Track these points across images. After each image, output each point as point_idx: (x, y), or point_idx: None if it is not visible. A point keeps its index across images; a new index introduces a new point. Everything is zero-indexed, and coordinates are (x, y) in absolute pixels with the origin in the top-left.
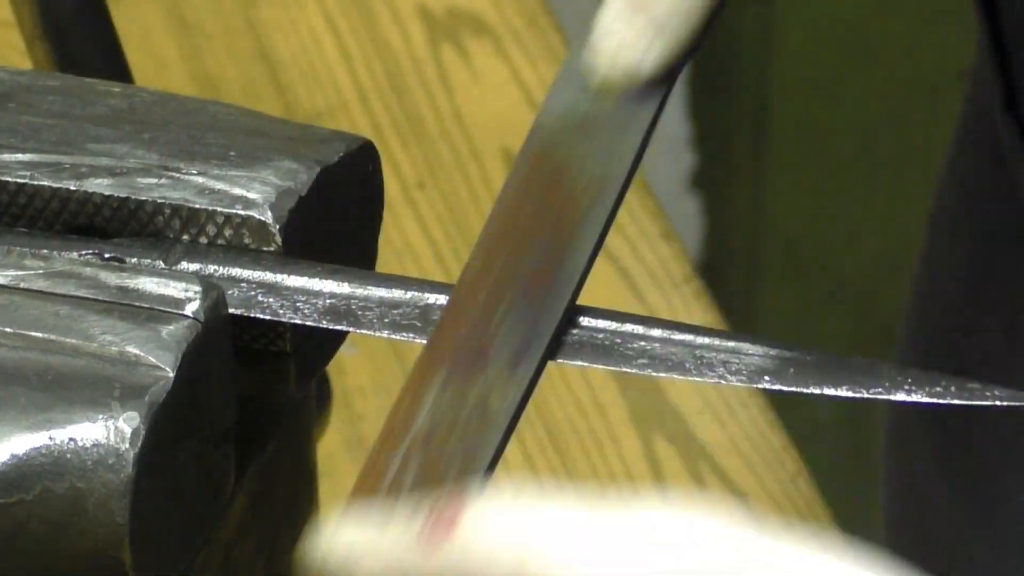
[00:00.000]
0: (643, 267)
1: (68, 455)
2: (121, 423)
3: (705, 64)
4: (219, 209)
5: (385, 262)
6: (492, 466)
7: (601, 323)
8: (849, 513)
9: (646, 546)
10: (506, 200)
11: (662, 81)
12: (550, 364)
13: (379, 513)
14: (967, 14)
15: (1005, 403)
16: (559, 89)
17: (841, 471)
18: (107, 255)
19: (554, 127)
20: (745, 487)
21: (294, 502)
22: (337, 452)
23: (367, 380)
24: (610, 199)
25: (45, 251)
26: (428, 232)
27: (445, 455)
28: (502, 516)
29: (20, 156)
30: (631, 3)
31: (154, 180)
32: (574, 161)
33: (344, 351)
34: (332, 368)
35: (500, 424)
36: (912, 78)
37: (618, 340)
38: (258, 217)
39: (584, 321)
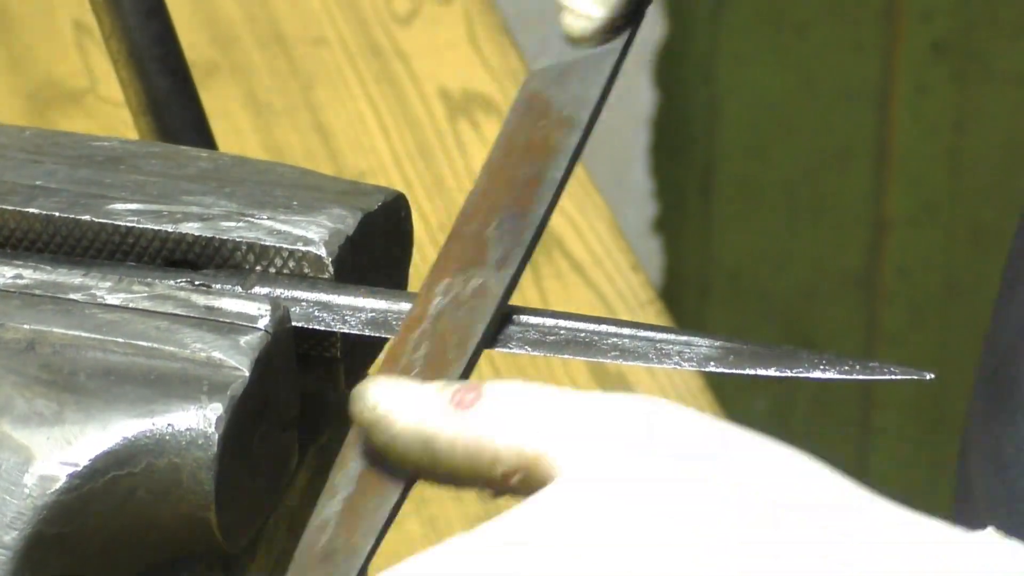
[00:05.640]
0: (616, 293)
1: (167, 437)
2: (208, 412)
3: (663, 133)
4: (284, 246)
5: (413, 288)
6: (488, 340)
7: (582, 324)
8: None
9: None
10: (505, 131)
11: (615, 32)
12: (544, 367)
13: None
14: (869, 93)
15: (899, 377)
16: (543, 47)
17: None
18: (197, 282)
19: (541, 76)
20: None
21: None
22: None
23: None
24: (583, 121)
25: (148, 279)
26: None
27: (451, 328)
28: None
29: (129, 206)
30: None
31: (234, 224)
32: (556, 99)
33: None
34: (372, 371)
35: (494, 301)
36: (825, 144)
37: (596, 337)
38: (315, 252)
39: (569, 324)
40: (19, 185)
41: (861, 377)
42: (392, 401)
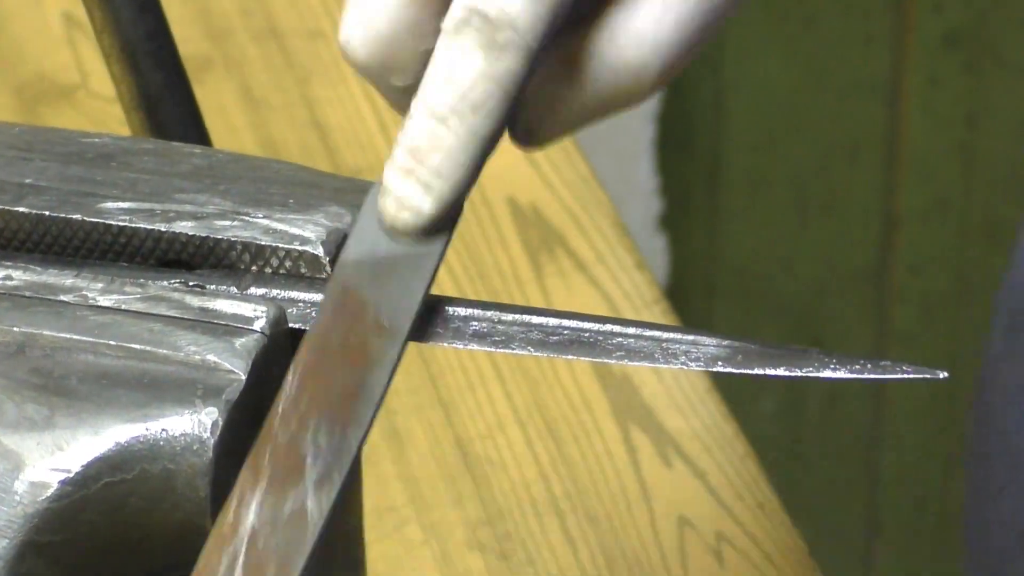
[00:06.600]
0: (621, 291)
1: (161, 443)
2: (203, 417)
3: (668, 127)
4: (281, 245)
5: None
6: (308, 567)
7: (586, 324)
8: (787, 487)
9: None
10: (318, 329)
11: (440, 227)
12: (547, 368)
13: None
14: (879, 86)
15: (912, 376)
16: (359, 234)
17: (780, 454)
18: (191, 283)
19: (355, 268)
20: (704, 467)
21: None
22: (376, 441)
23: (399, 381)
24: (403, 331)
25: (141, 280)
26: (448, 263)
27: (268, 557)
28: None
29: (121, 204)
30: (403, 167)
31: (229, 223)
32: (373, 299)
33: None
34: None
35: (314, 529)
36: (834, 138)
37: (600, 337)
38: (312, 251)
39: (572, 323)
40: (8, 183)
41: (872, 376)
42: None
